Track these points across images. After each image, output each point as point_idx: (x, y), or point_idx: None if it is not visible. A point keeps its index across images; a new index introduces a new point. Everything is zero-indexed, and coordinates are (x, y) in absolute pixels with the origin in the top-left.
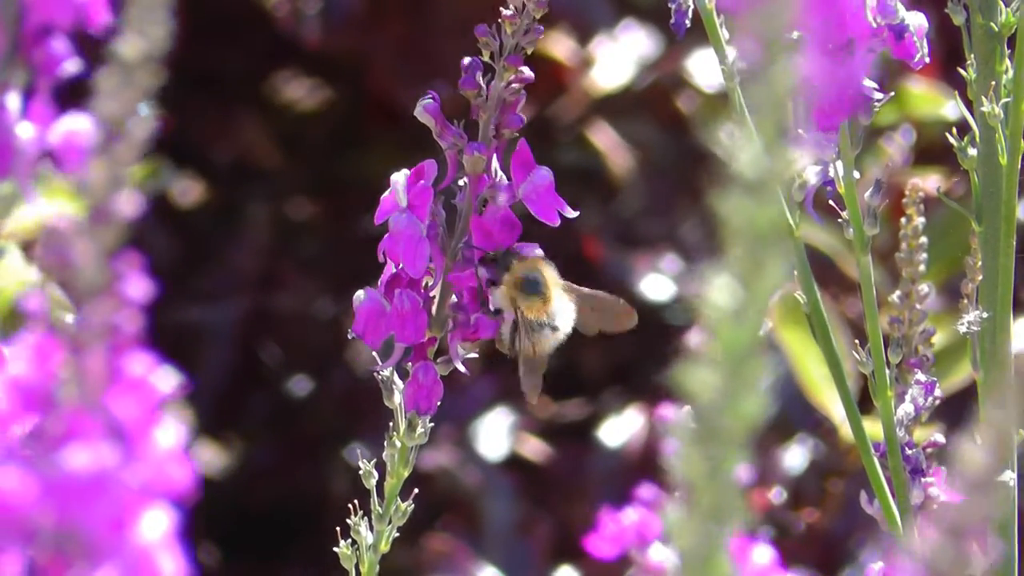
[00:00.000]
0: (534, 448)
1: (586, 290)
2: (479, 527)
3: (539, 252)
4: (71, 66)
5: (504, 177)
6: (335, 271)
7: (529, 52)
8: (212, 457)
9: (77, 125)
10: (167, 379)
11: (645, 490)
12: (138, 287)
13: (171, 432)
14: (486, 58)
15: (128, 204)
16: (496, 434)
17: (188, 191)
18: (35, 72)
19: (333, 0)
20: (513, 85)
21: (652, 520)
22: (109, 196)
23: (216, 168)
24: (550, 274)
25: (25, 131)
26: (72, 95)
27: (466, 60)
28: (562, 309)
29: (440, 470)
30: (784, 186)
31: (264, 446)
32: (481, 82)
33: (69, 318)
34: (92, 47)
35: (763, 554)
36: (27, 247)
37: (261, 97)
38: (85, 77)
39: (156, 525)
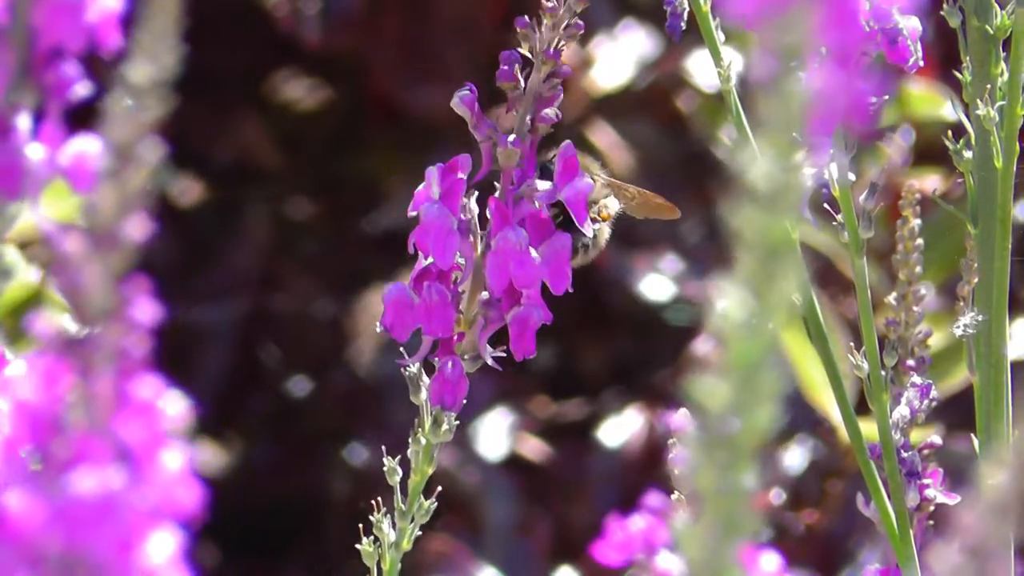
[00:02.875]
0: (534, 448)
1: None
2: (479, 527)
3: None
4: (81, 89)
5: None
6: (335, 271)
7: (568, 47)
8: (212, 457)
9: (87, 147)
10: (174, 402)
11: (652, 497)
12: (146, 311)
13: (178, 455)
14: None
15: (137, 228)
16: (496, 434)
17: (188, 191)
18: (46, 95)
19: (333, 0)
20: (551, 80)
21: (660, 527)
22: (118, 220)
23: (216, 168)
24: None
25: (35, 152)
26: (83, 117)
27: (505, 52)
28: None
29: (440, 470)
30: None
31: (264, 446)
32: (518, 75)
33: (70, 321)
34: (103, 70)
35: (770, 561)
36: (25, 247)
37: (261, 97)
38: (96, 99)
39: (163, 547)
